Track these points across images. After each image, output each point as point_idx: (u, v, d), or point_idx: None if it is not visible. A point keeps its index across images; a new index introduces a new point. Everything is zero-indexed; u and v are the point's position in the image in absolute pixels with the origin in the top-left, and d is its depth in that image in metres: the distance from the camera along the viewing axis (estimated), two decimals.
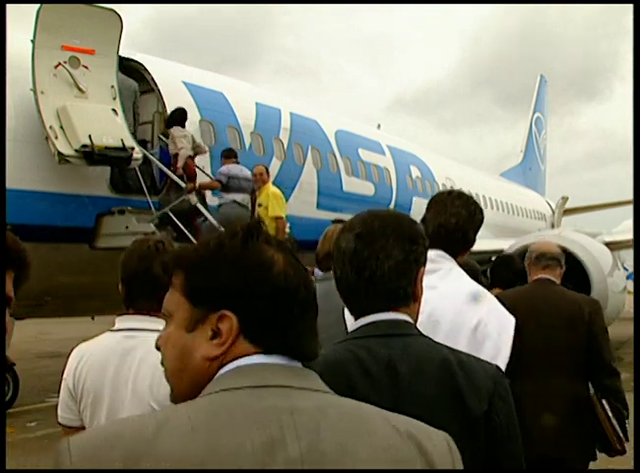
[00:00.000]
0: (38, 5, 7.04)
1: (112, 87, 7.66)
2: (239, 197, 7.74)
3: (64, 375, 2.19)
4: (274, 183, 8.97)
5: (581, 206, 28.40)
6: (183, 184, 7.66)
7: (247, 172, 7.99)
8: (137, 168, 7.66)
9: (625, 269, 14.08)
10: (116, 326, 2.18)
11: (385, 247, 1.50)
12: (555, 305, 3.37)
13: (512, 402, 1.51)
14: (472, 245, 2.33)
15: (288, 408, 0.91)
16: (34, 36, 7.03)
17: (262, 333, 1.00)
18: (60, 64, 7.24)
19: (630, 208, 23.22)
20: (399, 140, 15.64)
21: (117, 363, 2.07)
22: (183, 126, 8.08)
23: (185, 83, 9.28)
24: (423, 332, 1.56)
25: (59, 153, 6.94)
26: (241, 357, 0.98)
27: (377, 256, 1.49)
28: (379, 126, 17.02)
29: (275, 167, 10.24)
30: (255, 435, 0.87)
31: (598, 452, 3.42)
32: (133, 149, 7.40)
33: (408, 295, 1.51)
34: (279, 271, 1.01)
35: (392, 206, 13.36)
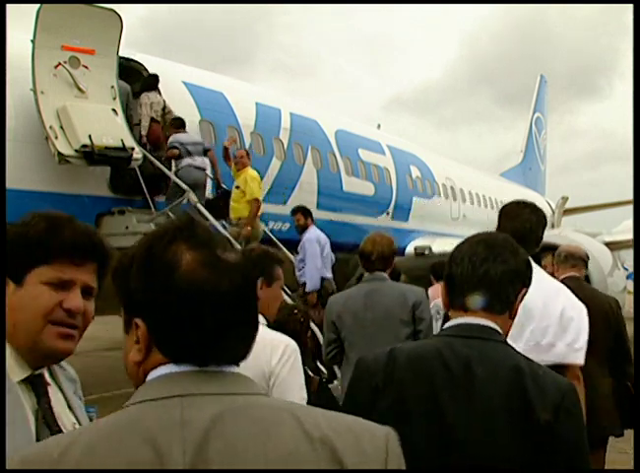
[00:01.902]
0: (38, 5, 7.04)
1: (112, 87, 7.66)
2: (195, 162, 7.88)
3: None
4: (273, 184, 8.97)
5: (581, 206, 28.40)
6: (184, 185, 7.66)
7: (195, 137, 8.13)
8: (137, 169, 7.66)
9: (625, 269, 14.08)
10: None
11: (502, 254, 1.68)
12: (592, 302, 3.45)
13: (582, 420, 1.59)
14: (540, 244, 2.82)
15: (179, 421, 0.91)
16: (34, 36, 7.03)
17: (169, 341, 0.98)
18: (60, 64, 7.23)
19: (630, 208, 23.23)
20: (399, 140, 15.64)
21: None
22: (159, 93, 8.28)
23: (185, 83, 9.29)
24: (518, 320, 1.75)
25: (59, 153, 6.94)
26: (155, 367, 0.98)
27: (495, 258, 1.67)
28: (379, 126, 17.02)
29: (275, 167, 10.24)
30: (145, 449, 0.89)
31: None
32: (133, 149, 7.40)
33: (509, 303, 1.66)
34: (182, 273, 0.96)
35: (392, 206, 13.37)
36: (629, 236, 12.56)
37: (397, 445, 0.99)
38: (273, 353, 2.47)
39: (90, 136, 7.01)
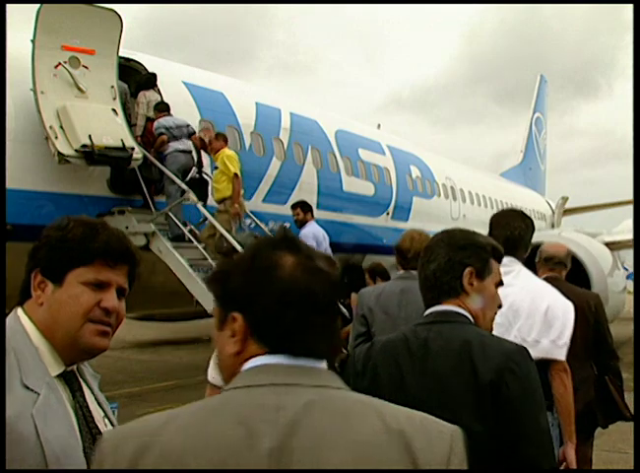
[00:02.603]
0: (38, 5, 7.04)
1: (112, 87, 7.66)
2: (180, 145, 7.86)
3: None
4: (273, 184, 8.97)
5: (581, 206, 28.39)
6: (184, 186, 7.66)
7: (179, 121, 8.06)
8: (137, 169, 7.66)
9: (625, 269, 14.09)
10: None
11: (433, 253, 1.97)
12: (569, 300, 3.64)
13: (530, 380, 1.77)
14: (528, 249, 3.06)
15: (274, 405, 1.02)
16: (35, 37, 7.02)
17: (267, 334, 1.09)
18: (60, 64, 7.23)
19: (630, 208, 23.24)
20: (399, 140, 15.64)
21: None
22: (157, 92, 8.28)
23: (185, 83, 9.29)
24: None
25: (59, 153, 6.94)
26: (252, 357, 1.10)
27: (428, 260, 1.98)
28: (379, 126, 17.02)
29: (275, 167, 10.24)
30: (238, 429, 1.01)
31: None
32: (133, 149, 7.40)
33: (452, 288, 1.93)
34: (283, 274, 1.09)
35: (392, 206, 13.37)
36: (629, 236, 12.57)
37: (461, 444, 1.08)
38: None
39: (90, 136, 7.01)
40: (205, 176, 8.30)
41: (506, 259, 2.74)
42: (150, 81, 8.42)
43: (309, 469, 0.99)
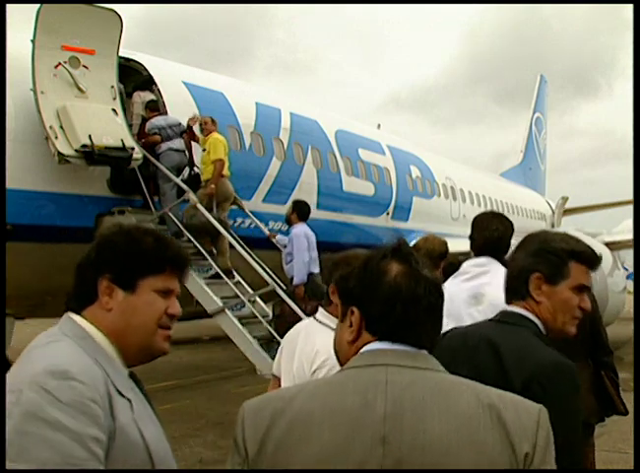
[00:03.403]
0: (38, 5, 7.04)
1: (112, 87, 7.66)
2: (174, 145, 7.91)
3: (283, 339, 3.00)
4: (273, 184, 8.97)
5: (581, 206, 28.39)
6: (184, 186, 7.66)
7: (171, 120, 8.09)
8: (137, 169, 7.66)
9: (625, 269, 14.08)
10: (317, 314, 2.89)
11: (512, 257, 2.19)
12: None
13: (559, 397, 1.75)
14: (509, 249, 3.08)
15: (384, 381, 1.27)
16: (35, 37, 7.02)
17: (378, 325, 1.35)
18: (60, 64, 7.23)
19: (630, 208, 23.23)
20: (399, 140, 15.63)
21: (292, 343, 2.84)
22: (152, 92, 8.34)
23: (185, 83, 9.29)
24: (487, 316, 2.13)
25: (59, 153, 6.94)
26: (366, 344, 1.35)
27: (509, 262, 2.21)
28: (379, 126, 17.02)
29: (275, 167, 10.24)
30: (356, 398, 1.25)
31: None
32: (133, 149, 7.40)
33: (519, 292, 2.02)
34: (390, 279, 1.35)
35: (392, 206, 13.37)
36: (629, 236, 12.55)
37: (547, 420, 1.28)
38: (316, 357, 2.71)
39: (90, 136, 7.01)
40: (197, 170, 8.33)
41: (484, 259, 3.14)
42: (146, 82, 8.45)
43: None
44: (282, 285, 7.41)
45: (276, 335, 6.87)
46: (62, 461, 1.23)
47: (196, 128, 8.31)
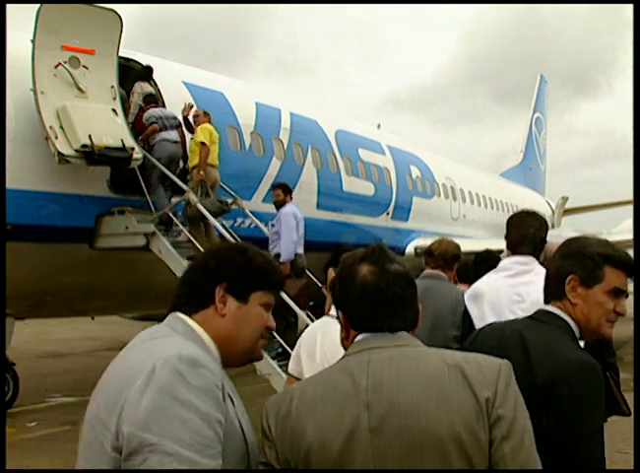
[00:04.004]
0: (38, 5, 7.04)
1: (112, 87, 7.66)
2: (169, 135, 7.97)
3: (299, 340, 3.12)
4: (273, 184, 8.97)
5: (581, 206, 28.41)
6: (184, 186, 7.67)
7: (168, 112, 8.18)
8: (137, 169, 7.66)
9: None
10: (331, 312, 2.98)
11: (551, 259, 2.27)
12: None
13: (581, 397, 1.85)
14: (544, 245, 3.29)
15: (366, 361, 1.53)
16: (35, 37, 7.02)
17: (355, 321, 1.61)
18: (60, 64, 7.23)
19: (630, 208, 23.24)
20: (399, 140, 15.64)
21: (315, 340, 2.96)
22: (152, 84, 8.42)
23: (185, 83, 9.29)
24: (529, 314, 2.21)
25: (59, 153, 6.94)
26: (354, 338, 1.60)
27: (547, 265, 2.35)
28: (379, 126, 17.02)
29: (275, 167, 10.24)
30: (346, 378, 1.52)
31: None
32: (133, 149, 7.40)
33: (556, 293, 2.12)
34: (359, 279, 1.59)
35: (392, 206, 13.38)
36: (629, 236, 12.54)
37: (508, 371, 1.51)
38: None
39: (90, 136, 7.01)
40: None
41: (526, 258, 3.26)
42: (146, 73, 8.51)
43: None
44: None
45: (275, 335, 6.87)
46: (193, 441, 1.36)
47: (191, 120, 8.36)
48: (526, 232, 3.29)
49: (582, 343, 2.95)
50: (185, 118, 8.34)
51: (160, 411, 1.37)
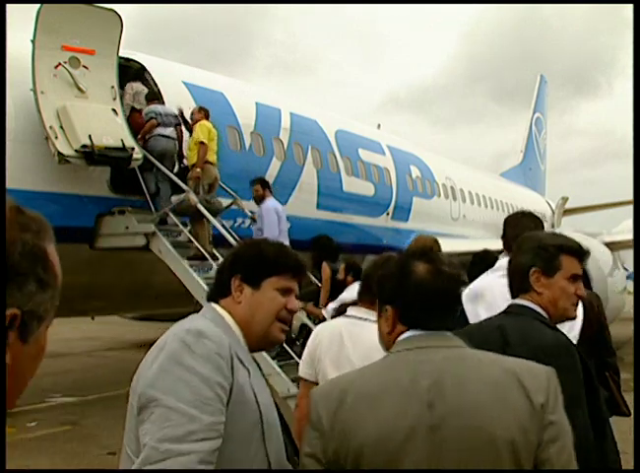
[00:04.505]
0: (38, 5, 7.04)
1: (112, 87, 7.66)
2: (164, 131, 7.98)
3: (308, 343, 3.13)
4: (273, 184, 8.97)
5: (581, 206, 28.39)
6: (184, 186, 7.67)
7: (168, 109, 8.19)
8: (137, 169, 7.66)
9: (625, 269, 14.07)
10: (347, 313, 3.07)
11: (512, 258, 2.44)
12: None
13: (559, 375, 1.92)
14: None
15: (423, 360, 1.59)
16: (35, 37, 7.03)
17: (408, 317, 1.67)
18: (60, 64, 7.23)
19: (630, 208, 23.24)
20: (399, 140, 15.63)
21: (340, 341, 2.96)
22: (143, 83, 8.43)
23: (185, 83, 9.29)
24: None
25: (59, 153, 6.94)
26: (401, 333, 1.67)
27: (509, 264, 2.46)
28: (379, 126, 17.02)
29: (275, 167, 10.24)
30: (403, 375, 1.57)
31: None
32: (133, 149, 7.40)
33: (522, 287, 2.31)
34: (415, 277, 1.66)
35: (392, 206, 13.37)
36: (629, 236, 12.55)
37: (555, 378, 1.60)
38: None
39: (90, 136, 7.01)
40: (186, 162, 8.37)
41: None
42: (137, 72, 8.51)
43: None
44: None
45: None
46: (194, 398, 1.54)
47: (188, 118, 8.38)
48: (521, 232, 3.28)
49: (574, 339, 3.06)
50: (181, 115, 8.33)
51: (165, 373, 1.58)
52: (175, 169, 8.16)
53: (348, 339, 2.94)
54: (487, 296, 3.36)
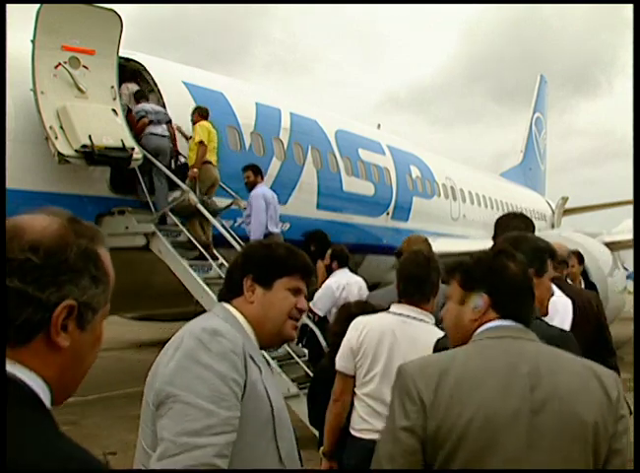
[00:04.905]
0: (38, 5, 7.04)
1: (112, 87, 7.66)
2: (156, 130, 8.00)
3: (347, 337, 3.10)
4: (273, 184, 8.98)
5: (581, 206, 28.37)
6: (184, 186, 7.67)
7: (156, 107, 8.22)
8: (137, 169, 7.66)
9: (625, 269, 14.06)
10: (393, 310, 3.09)
11: None
12: (571, 299, 3.75)
13: None
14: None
15: (518, 347, 1.73)
16: (35, 37, 7.03)
17: (503, 307, 1.80)
18: (60, 64, 7.23)
19: (630, 208, 23.23)
20: (399, 140, 15.62)
21: (392, 338, 2.97)
22: (138, 84, 8.51)
23: (185, 83, 9.29)
24: None
25: (59, 153, 6.94)
26: (490, 320, 1.80)
27: None
28: (379, 126, 17.01)
29: (275, 167, 10.23)
30: (501, 360, 1.69)
31: None
32: (133, 149, 7.40)
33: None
34: (511, 273, 1.81)
35: (392, 206, 13.37)
36: (629, 236, 12.54)
37: (620, 380, 1.76)
38: None
39: (90, 136, 7.01)
40: (183, 160, 8.39)
41: None
42: (134, 73, 8.53)
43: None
44: None
45: None
46: (211, 394, 1.61)
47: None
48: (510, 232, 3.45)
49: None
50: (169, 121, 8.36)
51: (183, 370, 1.64)
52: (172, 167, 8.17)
53: (402, 337, 2.95)
54: None
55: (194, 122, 8.16)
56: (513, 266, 1.83)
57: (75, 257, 0.99)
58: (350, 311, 3.65)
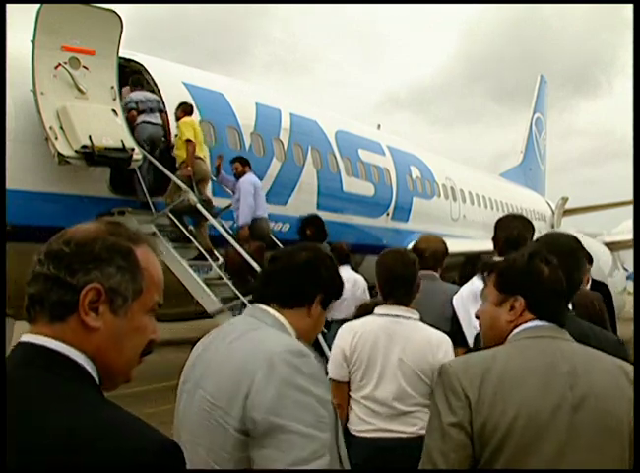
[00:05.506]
0: (38, 5, 7.04)
1: (112, 87, 7.66)
2: (149, 118, 8.04)
3: (338, 343, 3.04)
4: (273, 185, 8.98)
5: (581, 206, 28.38)
6: (184, 186, 7.66)
7: (148, 95, 8.24)
8: (137, 169, 7.66)
9: (625, 269, 14.07)
10: (379, 312, 3.04)
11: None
12: (573, 298, 3.78)
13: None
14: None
15: (556, 347, 1.80)
16: (34, 37, 7.02)
17: (539, 309, 1.87)
18: (60, 65, 7.23)
19: (630, 208, 23.24)
20: (399, 140, 15.62)
21: (387, 340, 2.94)
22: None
23: (185, 83, 9.29)
24: None
25: (59, 153, 6.93)
26: (527, 322, 1.87)
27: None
28: (379, 126, 17.01)
29: (275, 167, 10.23)
30: (540, 359, 1.77)
31: None
32: (133, 149, 7.40)
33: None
34: (546, 276, 1.89)
35: (392, 206, 13.37)
36: (629, 236, 12.55)
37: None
38: (438, 349, 2.95)
39: (90, 137, 7.01)
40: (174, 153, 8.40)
41: None
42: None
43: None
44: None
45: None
46: (313, 420, 1.65)
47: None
48: (510, 233, 3.46)
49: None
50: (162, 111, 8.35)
51: (284, 399, 1.65)
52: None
53: (397, 338, 2.93)
54: (477, 298, 3.40)
55: (178, 118, 8.15)
56: (547, 270, 1.89)
57: (101, 249, 1.16)
58: (368, 310, 3.59)
